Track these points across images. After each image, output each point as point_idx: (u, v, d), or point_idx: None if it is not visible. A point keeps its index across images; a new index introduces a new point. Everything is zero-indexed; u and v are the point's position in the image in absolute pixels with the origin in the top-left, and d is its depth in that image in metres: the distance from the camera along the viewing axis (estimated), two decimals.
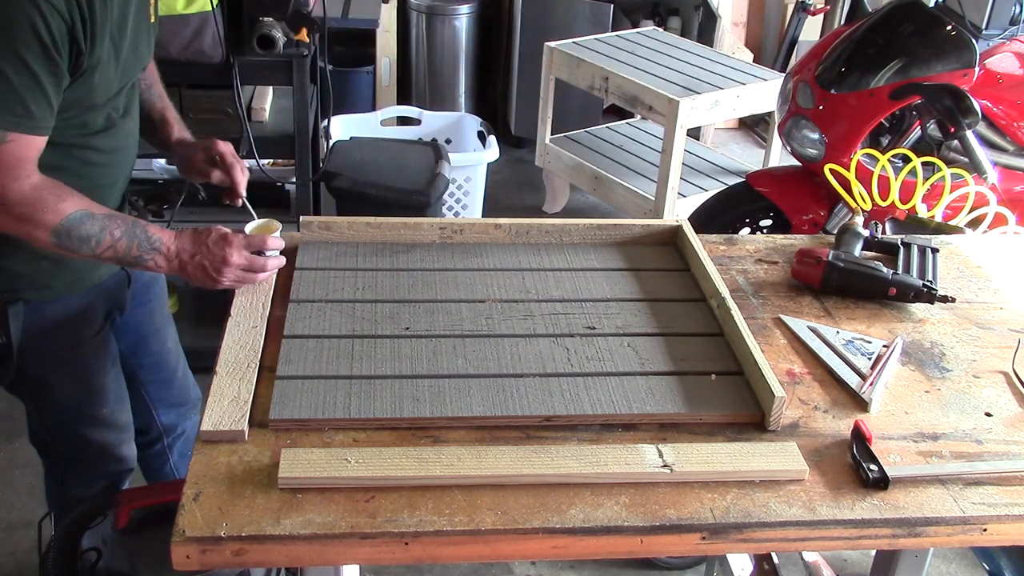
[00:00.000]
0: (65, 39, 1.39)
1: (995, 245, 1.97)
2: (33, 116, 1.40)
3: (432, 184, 3.07)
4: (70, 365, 1.76)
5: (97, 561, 1.65)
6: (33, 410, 1.83)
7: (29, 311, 1.64)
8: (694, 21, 5.06)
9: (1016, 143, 2.80)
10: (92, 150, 1.58)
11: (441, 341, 1.48)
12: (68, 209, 1.45)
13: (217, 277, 1.55)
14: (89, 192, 1.51)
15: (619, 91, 3.72)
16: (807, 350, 1.55)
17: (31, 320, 1.64)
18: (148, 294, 1.93)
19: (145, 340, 1.95)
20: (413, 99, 4.84)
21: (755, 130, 5.26)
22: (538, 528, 1.17)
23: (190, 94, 2.68)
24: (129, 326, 1.88)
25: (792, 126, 2.87)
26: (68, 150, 1.53)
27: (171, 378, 2.05)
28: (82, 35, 1.41)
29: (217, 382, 1.35)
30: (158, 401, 2.03)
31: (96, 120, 1.57)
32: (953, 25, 2.74)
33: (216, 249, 1.54)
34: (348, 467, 1.20)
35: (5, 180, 1.40)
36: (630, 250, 1.78)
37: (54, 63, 1.39)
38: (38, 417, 1.83)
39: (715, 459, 1.27)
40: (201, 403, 2.13)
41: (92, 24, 1.42)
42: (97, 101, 1.53)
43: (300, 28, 2.52)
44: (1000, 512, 1.24)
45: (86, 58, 1.44)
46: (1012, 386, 1.50)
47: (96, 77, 1.49)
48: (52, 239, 1.46)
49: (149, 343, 1.97)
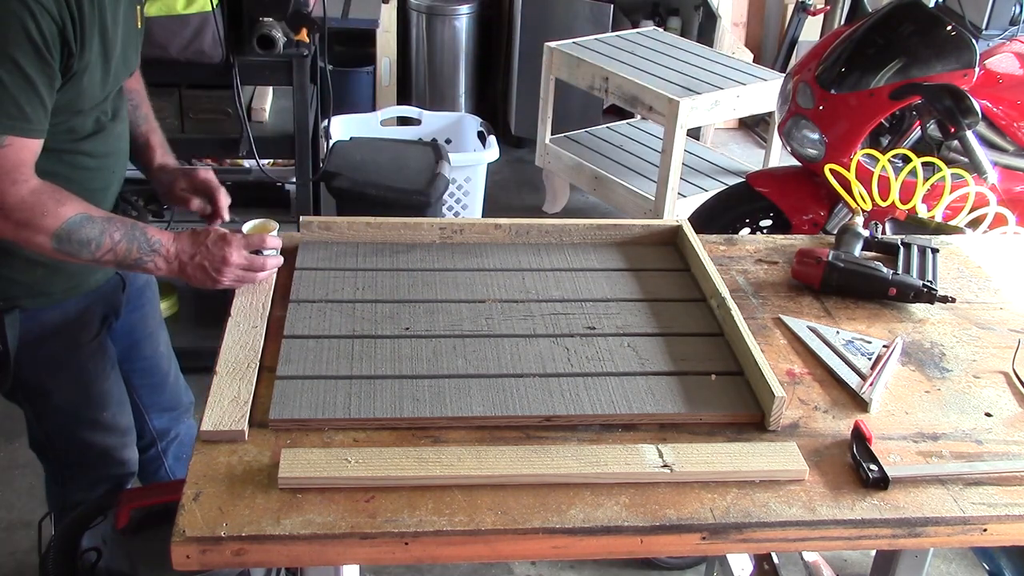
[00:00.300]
0: (56, 40, 1.38)
1: (995, 245, 1.97)
2: (29, 119, 1.39)
3: (432, 184, 3.07)
4: (68, 370, 1.75)
5: (97, 561, 1.65)
6: (32, 416, 1.82)
7: (26, 318, 1.63)
8: (694, 21, 5.06)
9: (1016, 143, 2.80)
10: (83, 155, 1.58)
11: (441, 341, 1.48)
12: (68, 213, 1.45)
13: (217, 277, 1.55)
14: (82, 196, 1.51)
15: (619, 91, 3.72)
16: (807, 350, 1.55)
17: (28, 327, 1.64)
18: (141, 299, 1.92)
19: (138, 345, 1.95)
20: (413, 99, 4.84)
21: (755, 130, 5.26)
22: (538, 528, 1.17)
23: (190, 94, 2.68)
24: (123, 331, 1.87)
25: (792, 126, 2.87)
26: (59, 155, 1.52)
27: (163, 383, 2.04)
28: (72, 37, 1.41)
29: (217, 382, 1.35)
30: (151, 406, 2.02)
31: (85, 124, 1.56)
32: (953, 25, 2.74)
33: (215, 249, 1.54)
34: (348, 467, 1.20)
35: (3, 185, 1.39)
36: (630, 250, 1.78)
37: (47, 64, 1.39)
38: (38, 423, 1.83)
39: (715, 459, 1.27)
40: (194, 407, 2.13)
41: (82, 26, 1.42)
42: (84, 106, 1.52)
43: (300, 28, 2.52)
44: (1000, 512, 1.24)
45: (76, 60, 1.44)
46: (1012, 386, 1.50)
47: (85, 80, 1.48)
48: (52, 244, 1.45)
49: (142, 348, 1.96)
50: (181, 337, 2.11)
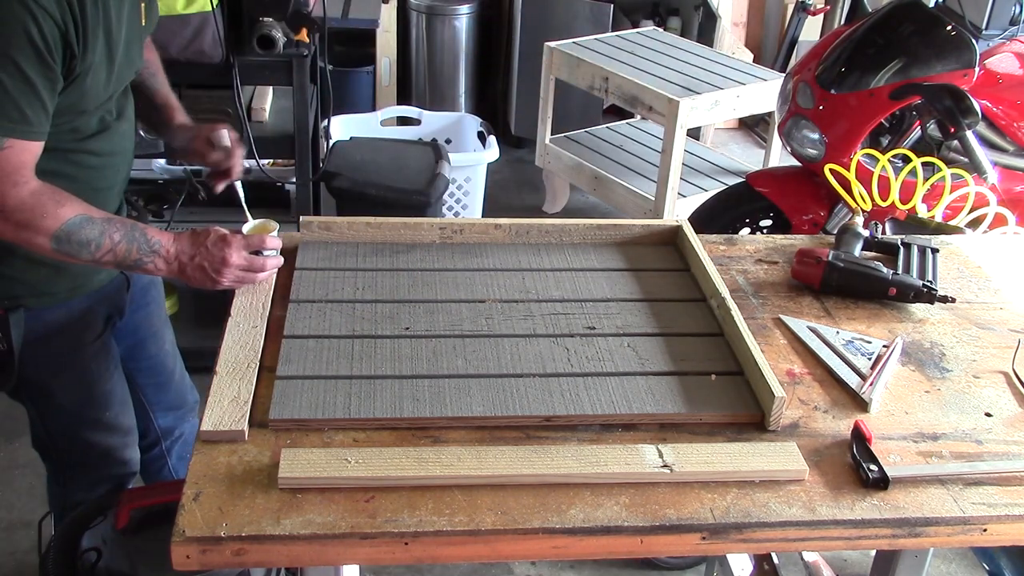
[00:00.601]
0: (58, 43, 1.38)
1: (995, 245, 1.97)
2: (30, 121, 1.40)
3: (432, 184, 3.07)
4: (72, 370, 1.76)
5: (97, 561, 1.65)
6: (36, 416, 1.83)
7: (30, 317, 1.64)
8: (694, 21, 5.06)
9: (1016, 143, 2.80)
10: (87, 154, 1.58)
11: (441, 341, 1.48)
12: (67, 214, 1.45)
13: (217, 278, 1.55)
14: (86, 196, 1.51)
15: (619, 91, 3.72)
16: (807, 350, 1.55)
17: (32, 326, 1.64)
18: (146, 297, 1.93)
19: (143, 343, 1.95)
20: (413, 99, 4.84)
21: (755, 130, 5.26)
22: (538, 528, 1.17)
23: (190, 94, 2.68)
24: (127, 330, 1.87)
25: (792, 126, 2.87)
26: (64, 155, 1.53)
27: (168, 381, 2.04)
28: (75, 39, 1.41)
29: (217, 382, 1.35)
30: (156, 404, 2.03)
31: (90, 124, 1.56)
32: (953, 25, 2.74)
33: (215, 250, 1.54)
34: (348, 467, 1.20)
35: (4, 187, 1.40)
36: (630, 250, 1.78)
37: (48, 67, 1.39)
38: (41, 422, 1.83)
39: (715, 459, 1.27)
40: (199, 405, 2.13)
41: (84, 28, 1.42)
42: (88, 106, 1.53)
43: (300, 28, 2.52)
44: (1000, 512, 1.24)
45: (79, 62, 1.44)
46: (1012, 386, 1.50)
47: (89, 81, 1.48)
48: (52, 245, 1.45)
49: (147, 346, 1.97)
50: (181, 337, 2.11)
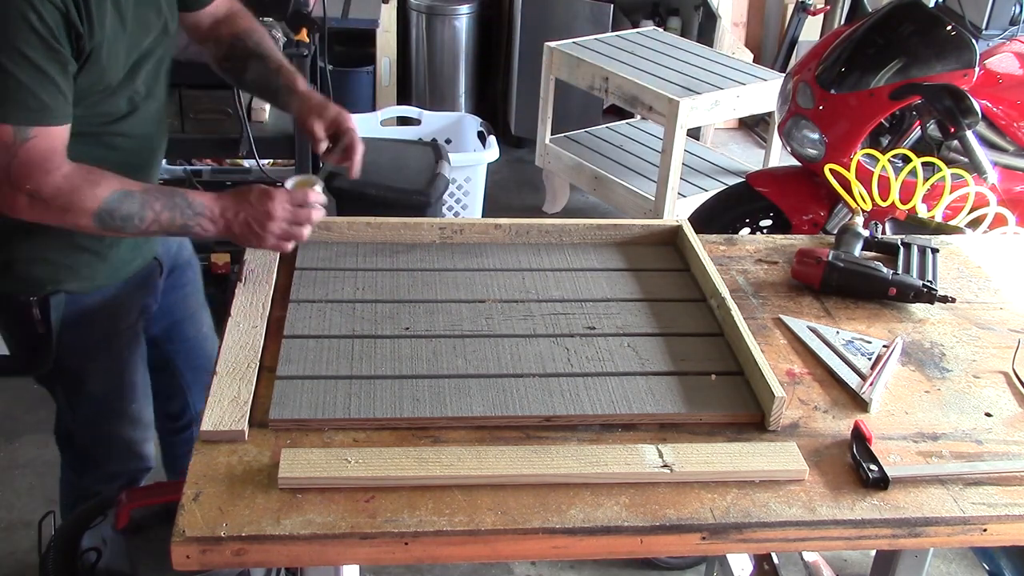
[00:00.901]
0: (61, 26, 1.38)
1: (995, 245, 1.97)
2: (49, 108, 1.40)
3: (432, 184, 3.07)
4: (105, 357, 1.77)
5: (97, 561, 1.65)
6: (64, 403, 1.83)
7: (69, 302, 1.65)
8: (694, 21, 5.06)
9: (1016, 143, 2.80)
10: (119, 136, 1.58)
11: (441, 341, 1.48)
12: (103, 192, 1.45)
13: (262, 233, 1.53)
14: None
15: (619, 91, 3.72)
16: (807, 350, 1.55)
17: (70, 310, 1.65)
18: (182, 278, 1.93)
19: (179, 325, 1.96)
20: (413, 99, 4.84)
21: (755, 130, 5.26)
22: (538, 528, 1.17)
23: (190, 94, 2.68)
24: (162, 311, 1.88)
25: (792, 126, 2.87)
26: (96, 138, 1.53)
27: (207, 365, 2.03)
28: (78, 18, 1.40)
29: (217, 382, 1.35)
30: (194, 386, 2.03)
31: (118, 105, 1.56)
32: (953, 25, 2.74)
33: (259, 204, 1.52)
34: (348, 467, 1.20)
35: (38, 176, 1.40)
36: (630, 250, 1.78)
37: (56, 52, 1.38)
38: (69, 410, 1.84)
39: (715, 459, 1.27)
40: None
41: (87, 4, 1.41)
42: (112, 80, 1.51)
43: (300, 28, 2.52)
44: (1000, 512, 1.24)
45: (87, 40, 1.43)
46: (1012, 386, 1.50)
47: (104, 55, 1.47)
48: (96, 224, 1.46)
49: (183, 328, 1.97)
50: None
